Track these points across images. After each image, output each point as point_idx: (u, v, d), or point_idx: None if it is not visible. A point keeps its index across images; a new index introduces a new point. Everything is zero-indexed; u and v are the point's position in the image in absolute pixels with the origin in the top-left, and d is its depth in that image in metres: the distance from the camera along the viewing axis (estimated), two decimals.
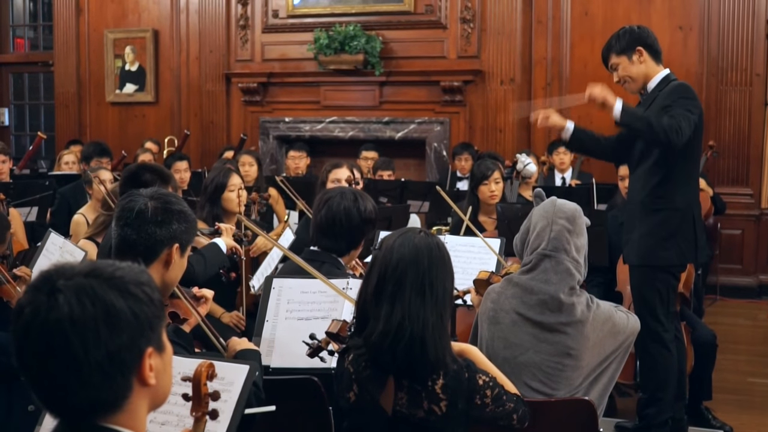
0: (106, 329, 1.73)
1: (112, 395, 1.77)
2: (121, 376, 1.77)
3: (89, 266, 1.81)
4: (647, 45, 5.01)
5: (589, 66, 10.10)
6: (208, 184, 5.63)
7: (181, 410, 2.65)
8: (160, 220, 3.14)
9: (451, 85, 10.67)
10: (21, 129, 14.08)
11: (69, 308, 1.72)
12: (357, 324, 3.02)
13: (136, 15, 12.34)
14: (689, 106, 4.79)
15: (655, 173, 4.91)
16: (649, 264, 4.93)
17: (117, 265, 1.84)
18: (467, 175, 8.86)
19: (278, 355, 3.75)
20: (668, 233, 4.89)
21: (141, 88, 12.35)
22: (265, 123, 11.73)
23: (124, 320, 1.76)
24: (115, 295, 1.76)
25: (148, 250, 3.12)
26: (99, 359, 1.73)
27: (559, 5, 10.36)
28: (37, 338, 1.73)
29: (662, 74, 5.02)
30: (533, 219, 3.64)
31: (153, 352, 1.81)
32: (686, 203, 4.91)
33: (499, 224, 6.07)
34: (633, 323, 3.67)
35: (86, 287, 1.75)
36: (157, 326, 1.83)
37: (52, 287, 1.75)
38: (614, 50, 5.06)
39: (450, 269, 2.99)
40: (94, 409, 1.77)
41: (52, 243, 5.05)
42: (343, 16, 11.04)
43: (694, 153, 4.95)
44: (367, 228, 4.27)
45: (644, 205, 4.95)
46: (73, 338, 1.71)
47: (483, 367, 3.01)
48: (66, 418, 1.81)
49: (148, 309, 1.80)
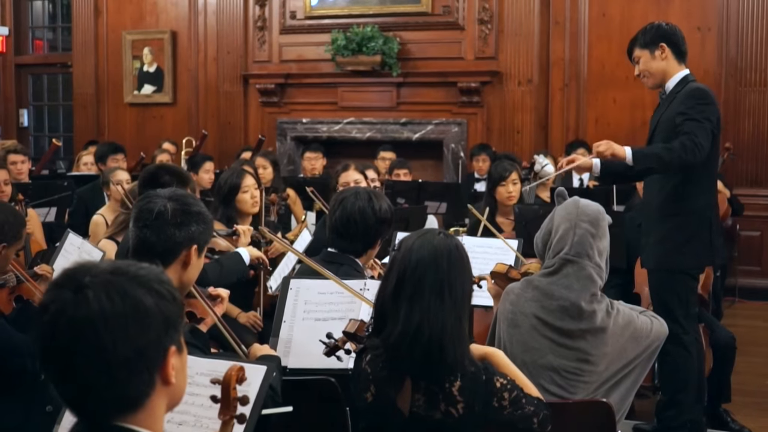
0: (134, 325, 1.74)
1: (136, 393, 1.78)
2: (147, 374, 1.78)
3: (112, 265, 1.82)
4: (671, 42, 5.00)
5: (606, 66, 10.08)
6: (222, 185, 5.62)
7: (198, 410, 2.66)
8: (180, 222, 3.14)
9: (469, 86, 10.66)
10: (40, 130, 14.14)
11: (99, 304, 1.72)
12: (375, 325, 3.01)
13: (154, 16, 12.37)
14: (706, 113, 4.79)
15: (671, 177, 4.90)
16: (666, 268, 4.92)
17: (138, 264, 1.86)
18: (484, 176, 8.85)
19: (295, 355, 3.75)
20: (685, 237, 4.88)
21: (159, 89, 12.39)
22: (283, 124, 11.74)
23: (152, 317, 1.77)
24: (143, 293, 1.77)
25: (167, 251, 3.13)
26: (128, 355, 1.73)
27: (576, 6, 10.33)
28: (65, 335, 1.73)
29: (681, 74, 5.01)
30: (556, 220, 3.59)
31: (175, 351, 1.82)
32: (702, 206, 4.90)
33: (516, 225, 6.06)
34: (658, 328, 3.61)
35: (115, 284, 1.76)
36: (179, 325, 1.84)
37: (78, 284, 1.75)
38: (638, 43, 5.07)
39: (469, 271, 2.99)
40: (118, 407, 1.78)
41: (71, 243, 5.07)
42: (361, 17, 11.04)
43: (710, 157, 4.93)
44: (382, 228, 4.26)
45: (660, 209, 4.94)
46: (104, 334, 1.72)
47: (506, 370, 2.98)
48: (87, 417, 1.81)
49: (173, 307, 1.82)
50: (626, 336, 3.50)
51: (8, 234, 3.98)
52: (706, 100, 4.85)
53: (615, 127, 9.92)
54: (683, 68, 5.03)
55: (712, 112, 4.81)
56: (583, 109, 10.37)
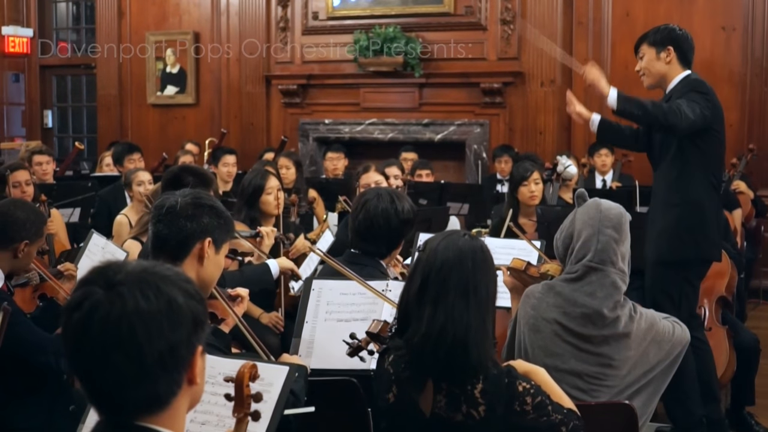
0: (168, 323, 1.76)
1: (165, 391, 1.79)
2: (176, 373, 1.79)
3: (141, 264, 1.84)
4: (679, 48, 5.03)
5: (630, 67, 9.94)
6: (246, 186, 5.63)
7: (221, 410, 2.67)
8: (191, 213, 3.15)
9: (491, 87, 10.63)
10: (64, 131, 14.22)
11: (134, 300, 1.74)
12: (398, 325, 3.01)
13: (177, 17, 12.42)
14: (696, 98, 4.82)
15: (673, 167, 4.94)
16: (667, 260, 4.92)
17: (164, 264, 1.88)
18: (507, 177, 8.83)
19: (317, 356, 3.76)
20: (686, 228, 4.89)
21: (182, 90, 12.43)
22: (305, 125, 11.76)
23: (184, 315, 1.78)
24: (175, 291, 1.79)
25: (179, 244, 3.13)
26: (161, 351, 1.75)
27: (600, 6, 10.29)
28: (99, 331, 1.74)
29: (682, 75, 5.04)
30: (577, 225, 3.53)
31: (202, 351, 1.84)
32: (702, 197, 4.91)
33: (539, 226, 6.05)
34: (680, 333, 3.57)
35: (148, 281, 1.78)
36: (206, 325, 1.86)
37: (110, 282, 1.76)
38: (648, 40, 5.11)
39: (493, 272, 2.98)
40: (145, 406, 1.79)
41: (95, 244, 5.10)
42: (383, 18, 11.04)
43: (711, 147, 4.95)
44: (405, 229, 4.25)
45: (663, 200, 4.97)
46: (139, 330, 1.73)
47: (547, 388, 2.95)
48: (113, 416, 1.81)
49: (200, 307, 1.83)
50: (648, 339, 3.47)
51: (30, 231, 4.01)
52: (700, 88, 4.91)
53: None
54: (686, 71, 5.04)
55: (706, 99, 4.85)
56: (605, 109, 10.30)
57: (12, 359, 3.70)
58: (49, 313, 4.17)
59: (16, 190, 6.39)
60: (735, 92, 9.43)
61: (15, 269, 4.19)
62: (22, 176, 6.55)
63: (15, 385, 3.80)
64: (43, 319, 4.14)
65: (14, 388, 3.80)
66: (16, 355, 3.72)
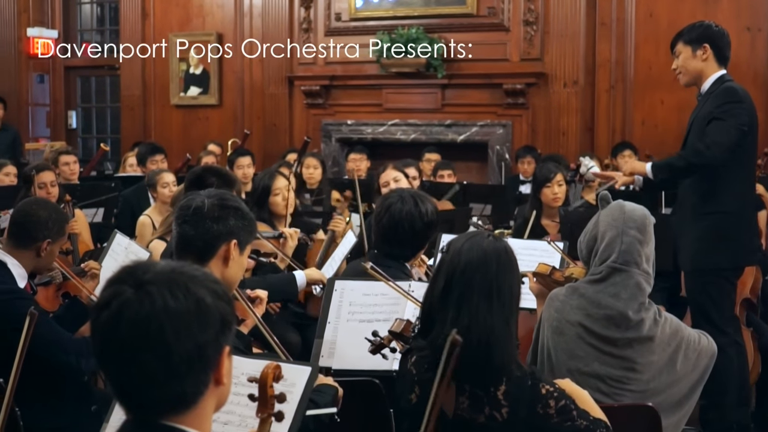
0: (197, 323, 1.76)
1: (192, 391, 1.79)
2: (204, 373, 1.79)
3: (169, 264, 1.85)
4: (716, 45, 4.97)
5: (653, 68, 9.98)
6: (256, 187, 5.64)
7: (243, 410, 2.67)
8: (217, 215, 3.16)
9: (514, 88, 10.61)
10: (88, 132, 14.29)
11: (163, 300, 1.75)
12: (421, 326, 3.01)
13: (200, 19, 12.45)
14: (732, 111, 4.79)
15: (705, 176, 4.89)
16: (699, 268, 4.90)
17: (191, 265, 1.88)
18: (530, 178, 8.81)
19: (339, 357, 3.76)
20: (719, 237, 4.87)
21: (205, 91, 12.47)
22: (327, 126, 11.77)
23: (212, 315, 1.79)
24: (204, 291, 1.79)
25: (205, 245, 3.15)
26: (189, 350, 1.75)
27: (623, 7, 10.24)
28: (128, 330, 1.75)
29: (717, 75, 4.99)
30: (601, 226, 3.51)
31: (229, 352, 1.84)
32: (737, 206, 4.88)
33: (561, 227, 6.03)
34: (706, 344, 3.54)
35: (177, 281, 1.78)
36: (233, 326, 1.86)
37: (139, 281, 1.77)
38: (683, 38, 5.07)
39: (517, 274, 2.97)
40: (172, 405, 1.79)
41: (118, 243, 5.12)
42: (406, 19, 11.02)
43: (744, 155, 4.91)
44: (430, 231, 4.25)
45: (695, 209, 4.94)
46: (168, 329, 1.74)
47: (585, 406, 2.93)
48: (139, 414, 1.82)
49: (228, 307, 1.84)
50: (673, 345, 3.44)
51: (52, 230, 4.03)
52: (733, 98, 4.85)
53: (662, 129, 9.83)
54: (721, 69, 5.00)
55: (739, 110, 4.80)
56: (629, 110, 10.28)
57: (35, 360, 3.71)
58: (73, 312, 4.19)
59: (42, 191, 6.43)
60: (759, 93, 9.33)
61: (38, 268, 4.22)
62: (47, 177, 6.60)
63: (38, 386, 3.81)
64: (67, 317, 4.16)
65: (37, 389, 3.81)
66: (38, 356, 3.73)
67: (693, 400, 3.55)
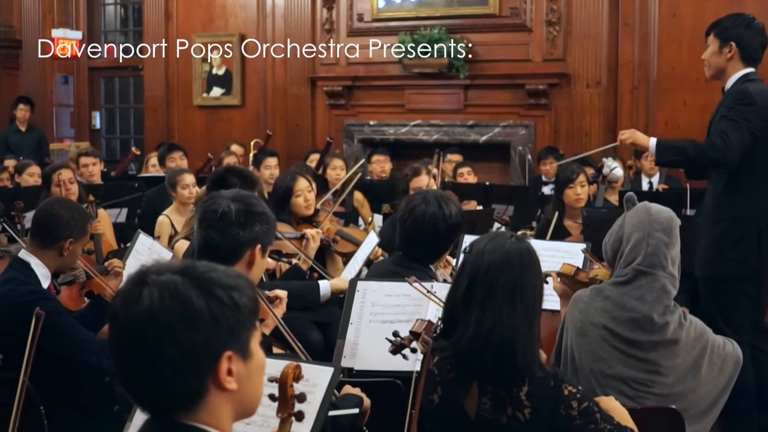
0: (181, 326, 1.75)
1: (184, 393, 1.78)
2: (194, 375, 1.77)
3: (184, 264, 1.84)
4: (743, 47, 4.91)
5: (677, 69, 9.92)
6: (277, 189, 5.64)
7: (266, 410, 2.67)
8: (243, 222, 3.18)
9: (536, 89, 10.58)
10: (111, 132, 14.36)
11: (150, 301, 1.75)
12: (444, 327, 3.01)
13: (223, 20, 12.49)
14: (745, 114, 4.73)
15: (720, 180, 4.86)
16: (708, 276, 4.84)
17: (212, 266, 1.86)
18: (552, 179, 8.78)
19: (361, 357, 3.76)
20: (728, 244, 4.79)
21: (227, 91, 12.50)
22: (350, 126, 11.77)
23: (201, 320, 1.76)
24: (197, 294, 1.77)
25: (231, 252, 3.17)
26: (171, 354, 1.74)
27: (646, 7, 10.19)
28: (120, 328, 1.78)
29: (740, 73, 4.93)
30: (627, 228, 3.48)
31: (234, 357, 1.81)
32: (750, 212, 4.80)
33: (584, 229, 6.01)
34: (731, 350, 3.49)
35: (170, 283, 1.78)
36: (240, 332, 1.82)
37: (142, 280, 1.79)
38: (715, 31, 5.00)
39: (540, 275, 2.97)
40: (169, 404, 1.79)
41: (141, 243, 5.14)
42: (428, 20, 11.02)
43: (761, 158, 4.83)
44: (454, 233, 4.24)
45: (710, 214, 4.90)
46: (149, 331, 1.74)
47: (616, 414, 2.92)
48: (147, 410, 1.84)
49: (231, 313, 1.80)
50: (698, 349, 3.40)
51: (74, 229, 4.04)
52: (744, 100, 4.78)
53: (685, 129, 9.76)
54: (747, 68, 4.94)
55: (750, 112, 4.73)
56: (652, 111, 10.23)
57: (56, 361, 3.73)
58: (96, 310, 4.20)
59: (61, 189, 6.46)
60: None
61: (61, 267, 4.23)
62: (65, 175, 6.63)
63: (60, 387, 3.83)
64: (90, 316, 4.18)
65: (60, 390, 3.83)
66: (60, 355, 3.75)
67: (718, 407, 3.49)
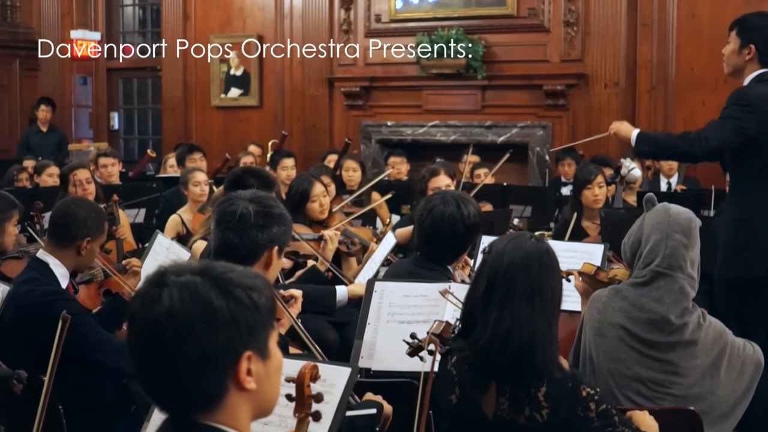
0: (201, 326, 1.75)
1: (204, 393, 1.79)
2: (214, 376, 1.78)
3: (202, 265, 1.85)
4: (761, 50, 4.88)
5: (696, 69, 9.88)
6: (293, 192, 5.63)
7: (283, 410, 2.67)
8: (262, 224, 3.20)
9: (554, 89, 10.56)
10: (130, 133, 14.42)
11: (170, 302, 1.76)
12: (462, 327, 3.01)
13: (240, 21, 12.51)
14: (736, 113, 4.72)
15: (733, 181, 4.86)
16: (720, 277, 4.82)
17: (230, 267, 1.86)
18: (571, 180, 8.76)
19: (379, 358, 3.76)
20: (739, 245, 4.76)
21: (245, 92, 12.52)
22: (367, 127, 11.78)
23: (221, 320, 1.77)
24: (216, 295, 1.78)
25: (249, 253, 3.18)
26: (192, 355, 1.75)
27: (664, 7, 10.15)
28: (140, 329, 1.79)
29: (756, 73, 4.89)
30: (646, 229, 3.46)
31: (253, 357, 1.81)
32: (759, 214, 4.76)
33: (602, 229, 5.99)
34: (751, 351, 3.47)
35: (190, 284, 1.78)
36: (259, 332, 1.83)
37: (161, 281, 1.79)
38: (738, 29, 4.95)
39: (559, 276, 2.97)
40: (189, 405, 1.80)
41: (159, 244, 5.16)
42: (446, 20, 11.01)
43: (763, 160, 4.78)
44: (472, 234, 4.24)
45: (725, 215, 4.89)
46: (169, 331, 1.75)
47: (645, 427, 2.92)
48: (166, 410, 1.84)
49: (250, 313, 1.80)
50: (717, 350, 3.38)
51: (92, 228, 4.05)
52: (740, 100, 4.76)
53: None
54: (763, 68, 4.90)
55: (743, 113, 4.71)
56: (671, 112, 10.20)
57: (74, 361, 3.74)
58: (115, 309, 4.21)
59: (78, 189, 6.49)
60: None
61: (79, 267, 4.25)
62: (82, 174, 6.66)
63: (78, 387, 3.84)
64: (108, 314, 4.19)
65: (77, 390, 3.84)
66: (77, 356, 3.76)
67: (739, 412, 3.46)
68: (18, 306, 3.86)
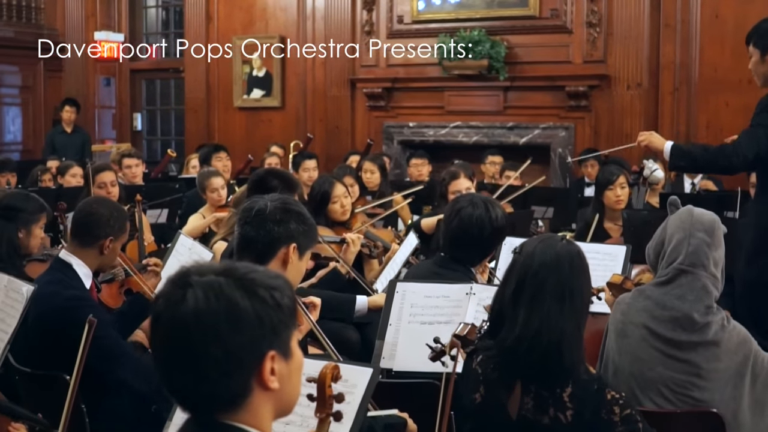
0: (227, 327, 1.76)
1: (228, 393, 1.79)
2: (239, 376, 1.78)
3: (224, 265, 1.85)
4: None
5: (719, 70, 9.83)
6: (315, 194, 5.64)
7: (305, 411, 2.68)
8: (279, 218, 3.21)
9: (577, 90, 10.53)
10: (152, 134, 14.49)
11: (195, 303, 1.76)
12: (490, 326, 3.02)
13: (263, 22, 12.55)
14: (765, 120, 4.72)
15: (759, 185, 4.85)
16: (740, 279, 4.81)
17: (252, 267, 1.87)
18: (593, 181, 8.74)
19: (401, 358, 3.77)
20: (754, 251, 4.76)
21: (268, 93, 12.55)
22: (389, 128, 11.78)
23: (246, 320, 1.77)
24: (241, 295, 1.78)
25: (266, 247, 3.20)
26: (217, 355, 1.75)
27: (687, 8, 10.10)
28: (164, 329, 1.79)
29: None
30: (669, 230, 3.46)
31: (277, 357, 1.82)
32: None
33: (624, 231, 5.97)
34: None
35: (214, 284, 1.78)
36: (282, 331, 1.83)
37: (185, 282, 1.79)
38: (753, 41, 4.95)
39: (588, 278, 2.99)
40: (212, 405, 1.80)
41: (182, 244, 5.17)
42: (468, 21, 11.01)
43: None
44: (499, 237, 4.25)
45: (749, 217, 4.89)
46: (194, 332, 1.75)
47: None
48: (189, 410, 1.85)
49: (274, 313, 1.81)
50: (741, 355, 3.33)
51: (114, 228, 4.07)
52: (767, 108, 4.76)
53: (727, 131, 9.60)
54: None
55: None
56: (693, 113, 10.15)
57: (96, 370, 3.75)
58: (135, 307, 4.23)
59: (102, 191, 6.52)
60: None
61: (102, 266, 4.27)
62: (107, 177, 6.70)
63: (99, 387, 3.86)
64: (130, 313, 4.21)
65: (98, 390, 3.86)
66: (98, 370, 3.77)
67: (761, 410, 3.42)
68: (43, 308, 3.87)
